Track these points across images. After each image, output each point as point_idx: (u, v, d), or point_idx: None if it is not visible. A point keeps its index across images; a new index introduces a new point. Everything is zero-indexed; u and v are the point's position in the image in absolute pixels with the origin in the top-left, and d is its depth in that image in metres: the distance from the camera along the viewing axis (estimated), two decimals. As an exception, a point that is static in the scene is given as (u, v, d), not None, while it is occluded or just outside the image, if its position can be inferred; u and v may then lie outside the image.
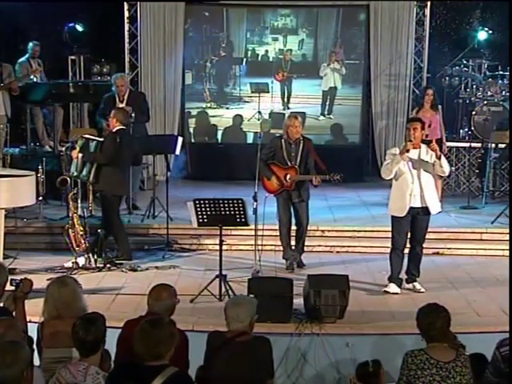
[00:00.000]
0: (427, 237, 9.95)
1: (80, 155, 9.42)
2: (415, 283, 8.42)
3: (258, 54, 13.93)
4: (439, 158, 8.11)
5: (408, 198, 8.15)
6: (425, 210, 8.24)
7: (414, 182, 8.14)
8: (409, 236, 8.41)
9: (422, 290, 8.35)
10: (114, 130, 9.39)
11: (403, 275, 8.47)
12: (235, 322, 5.44)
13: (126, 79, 11.42)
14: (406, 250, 8.49)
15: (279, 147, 9.13)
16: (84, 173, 9.40)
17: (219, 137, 13.97)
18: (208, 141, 14.05)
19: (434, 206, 8.29)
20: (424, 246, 9.13)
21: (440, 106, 11.67)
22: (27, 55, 12.98)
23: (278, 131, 12.77)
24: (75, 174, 9.60)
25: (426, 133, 11.09)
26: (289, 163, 9.08)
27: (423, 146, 8.20)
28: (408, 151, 8.09)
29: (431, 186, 8.27)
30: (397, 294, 8.32)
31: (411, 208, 8.19)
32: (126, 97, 11.00)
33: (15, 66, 12.80)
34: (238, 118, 13.91)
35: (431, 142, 8.31)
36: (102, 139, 9.48)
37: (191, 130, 14.04)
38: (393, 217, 8.34)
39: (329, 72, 13.77)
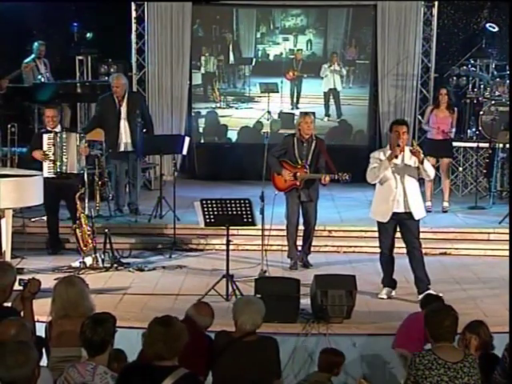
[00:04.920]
0: (434, 237, 10.02)
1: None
2: (429, 292, 7.93)
3: (268, 54, 13.94)
4: (422, 162, 7.98)
5: (391, 204, 8.03)
6: (409, 215, 8.08)
7: (398, 187, 8.01)
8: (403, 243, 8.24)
9: None
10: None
11: (412, 287, 8.28)
12: (250, 323, 5.44)
13: (122, 80, 10.94)
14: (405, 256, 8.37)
15: (291, 145, 9.16)
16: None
17: (234, 137, 13.96)
18: (218, 141, 14.07)
19: (418, 211, 8.12)
20: (431, 246, 9.12)
21: (456, 109, 11.59)
22: (33, 55, 13.00)
23: (287, 131, 12.78)
24: (83, 171, 9.89)
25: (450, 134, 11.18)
26: (299, 161, 9.10)
27: (406, 150, 8.03)
28: (397, 157, 7.97)
29: (415, 190, 8.13)
30: (390, 298, 8.23)
31: (395, 213, 8.06)
32: (125, 99, 10.85)
33: (21, 66, 12.83)
34: (259, 125, 13.88)
35: (412, 146, 8.12)
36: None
37: (201, 130, 14.06)
38: (379, 222, 8.25)
39: (329, 73, 13.78)
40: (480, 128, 12.70)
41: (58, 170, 9.69)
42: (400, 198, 8.03)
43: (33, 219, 10.38)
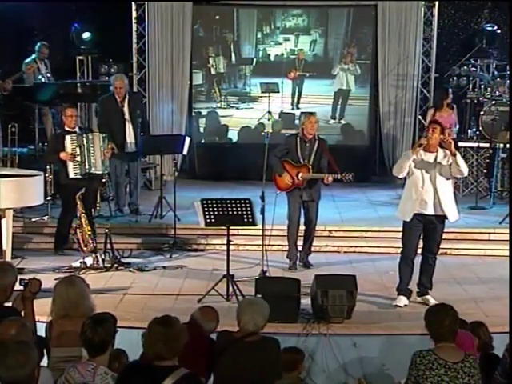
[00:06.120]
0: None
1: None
2: (427, 296, 8.00)
3: (268, 54, 13.94)
4: (454, 155, 7.66)
5: (414, 203, 7.74)
6: (439, 219, 7.82)
7: (425, 187, 7.71)
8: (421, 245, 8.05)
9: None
10: (80, 125, 10.02)
11: (414, 286, 8.15)
12: (252, 323, 5.45)
13: (125, 80, 10.99)
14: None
15: (294, 145, 9.16)
16: None
17: (234, 136, 13.95)
18: (218, 141, 14.07)
19: (452, 212, 7.83)
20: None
21: (455, 106, 11.69)
22: (34, 56, 12.98)
23: (288, 131, 12.80)
24: (106, 170, 10.00)
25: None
26: (302, 161, 9.10)
27: (441, 150, 7.74)
28: (420, 146, 7.68)
29: (448, 192, 7.85)
30: (406, 305, 7.98)
31: (423, 215, 7.76)
32: (126, 99, 10.82)
33: (22, 66, 12.83)
34: (260, 126, 13.86)
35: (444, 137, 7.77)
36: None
37: (201, 130, 14.06)
38: (404, 222, 7.94)
39: (341, 72, 13.76)
40: (480, 128, 12.71)
41: (87, 171, 9.63)
42: (429, 201, 7.72)
43: (33, 219, 10.39)
